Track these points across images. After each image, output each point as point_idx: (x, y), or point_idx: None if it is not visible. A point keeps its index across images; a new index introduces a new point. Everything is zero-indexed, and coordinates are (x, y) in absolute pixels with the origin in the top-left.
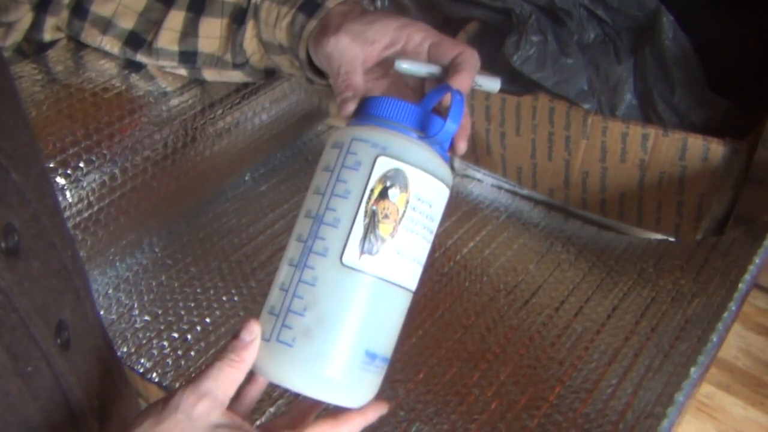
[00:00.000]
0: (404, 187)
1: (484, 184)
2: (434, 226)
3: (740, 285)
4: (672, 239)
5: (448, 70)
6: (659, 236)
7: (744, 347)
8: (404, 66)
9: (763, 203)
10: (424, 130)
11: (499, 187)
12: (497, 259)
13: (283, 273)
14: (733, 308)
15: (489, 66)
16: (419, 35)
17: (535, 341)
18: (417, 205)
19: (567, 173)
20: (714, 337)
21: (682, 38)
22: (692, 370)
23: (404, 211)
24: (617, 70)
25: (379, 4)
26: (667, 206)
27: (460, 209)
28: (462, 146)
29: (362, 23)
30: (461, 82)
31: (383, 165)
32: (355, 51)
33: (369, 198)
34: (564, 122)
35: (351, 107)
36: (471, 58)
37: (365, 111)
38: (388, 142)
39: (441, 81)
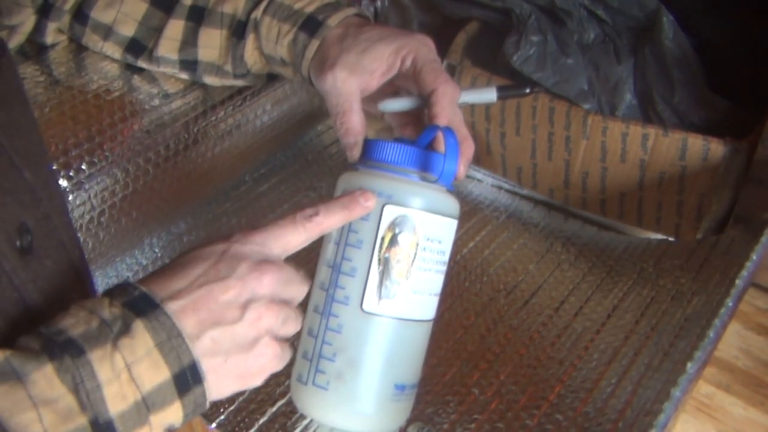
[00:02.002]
0: (413, 232)
1: (484, 184)
2: (446, 257)
3: (737, 281)
4: (672, 239)
5: (429, 105)
6: (659, 236)
7: (744, 347)
8: (388, 107)
9: (763, 203)
10: (425, 169)
11: (499, 187)
12: (497, 259)
13: (310, 319)
14: (730, 304)
15: (489, 66)
16: (410, 59)
17: (535, 341)
18: (427, 245)
19: (567, 173)
20: (710, 333)
21: (682, 38)
22: (688, 365)
23: (415, 253)
24: (617, 70)
25: (379, 4)
26: (667, 206)
27: (459, 209)
28: (462, 172)
29: (357, 52)
30: (443, 122)
31: (390, 213)
32: (351, 86)
33: (381, 246)
34: (564, 122)
35: (356, 153)
36: (443, 96)
37: (369, 155)
38: (393, 189)
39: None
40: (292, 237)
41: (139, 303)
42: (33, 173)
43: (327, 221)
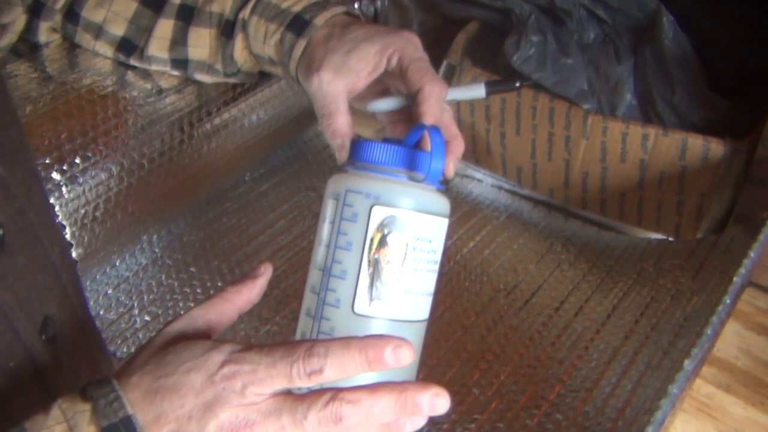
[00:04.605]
0: (402, 232)
1: (484, 184)
2: (438, 256)
3: (735, 279)
4: (672, 239)
5: (416, 104)
6: (659, 236)
7: (744, 347)
8: (377, 107)
9: (763, 203)
10: (413, 168)
11: (499, 187)
12: (497, 259)
13: (303, 322)
14: (728, 301)
15: (489, 66)
16: (395, 57)
17: (535, 341)
18: (417, 245)
19: (567, 173)
20: (708, 330)
21: (682, 38)
22: (686, 362)
23: (405, 254)
24: (617, 70)
25: (379, 4)
26: (667, 206)
27: (460, 209)
28: (451, 170)
29: (343, 53)
30: (430, 121)
31: (379, 214)
32: (337, 87)
33: (370, 248)
34: (564, 122)
35: (344, 155)
36: (430, 94)
37: (356, 156)
38: (381, 190)
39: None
40: (280, 387)
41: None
42: (8, 169)
43: (334, 377)
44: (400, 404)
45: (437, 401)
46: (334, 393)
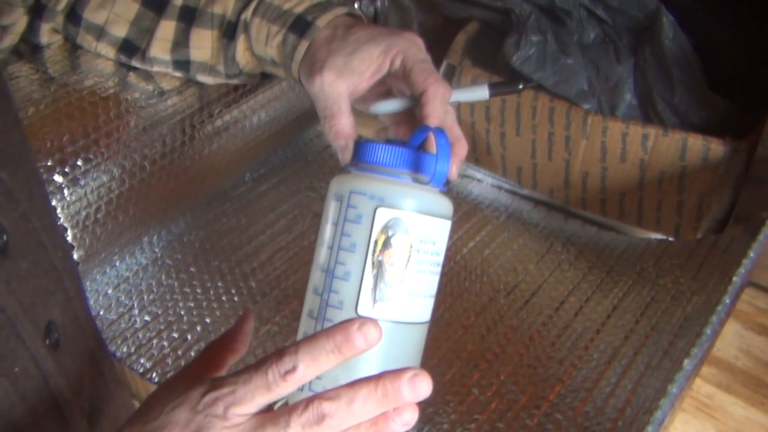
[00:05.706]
0: (406, 234)
1: (484, 184)
2: (440, 258)
3: (735, 279)
4: (672, 239)
5: (420, 106)
6: (659, 236)
7: (744, 347)
8: (380, 109)
9: (763, 203)
10: (417, 170)
11: (499, 187)
12: (497, 259)
13: (305, 324)
14: (727, 301)
15: (489, 66)
16: (399, 59)
17: (535, 341)
18: (421, 247)
19: (567, 173)
20: (707, 330)
21: (682, 38)
22: (685, 362)
23: (409, 256)
24: (617, 70)
25: (379, 4)
26: (667, 206)
27: (460, 209)
28: (455, 172)
29: (345, 54)
30: (435, 123)
31: (383, 216)
32: (339, 88)
33: (374, 249)
34: (564, 122)
35: (347, 156)
36: (434, 96)
37: (359, 157)
38: (385, 192)
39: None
40: (262, 399)
41: None
42: (10, 174)
43: (310, 373)
44: (381, 392)
45: (417, 382)
46: (314, 395)
